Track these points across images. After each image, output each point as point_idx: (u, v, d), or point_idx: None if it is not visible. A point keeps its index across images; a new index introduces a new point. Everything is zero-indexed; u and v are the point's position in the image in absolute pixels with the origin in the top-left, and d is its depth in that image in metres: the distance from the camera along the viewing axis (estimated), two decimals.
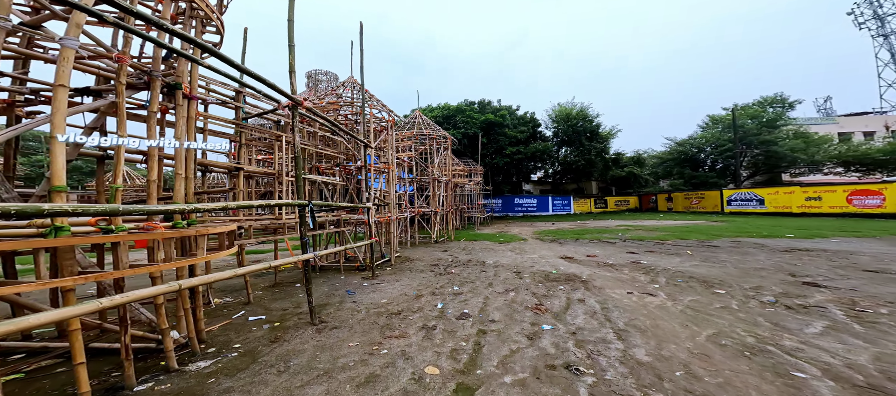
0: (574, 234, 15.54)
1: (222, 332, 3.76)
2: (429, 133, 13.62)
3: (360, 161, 7.19)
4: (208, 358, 3.01)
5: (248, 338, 3.57)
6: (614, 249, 10.74)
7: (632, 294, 5.40)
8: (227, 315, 4.39)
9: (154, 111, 2.54)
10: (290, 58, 3.98)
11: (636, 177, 35.69)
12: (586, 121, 33.67)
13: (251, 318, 4.21)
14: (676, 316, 4.29)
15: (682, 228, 16.78)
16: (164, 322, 2.57)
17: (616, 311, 4.48)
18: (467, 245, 12.47)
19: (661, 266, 7.74)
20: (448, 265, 8.16)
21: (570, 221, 25.47)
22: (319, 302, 4.96)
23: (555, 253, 10.26)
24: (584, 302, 4.91)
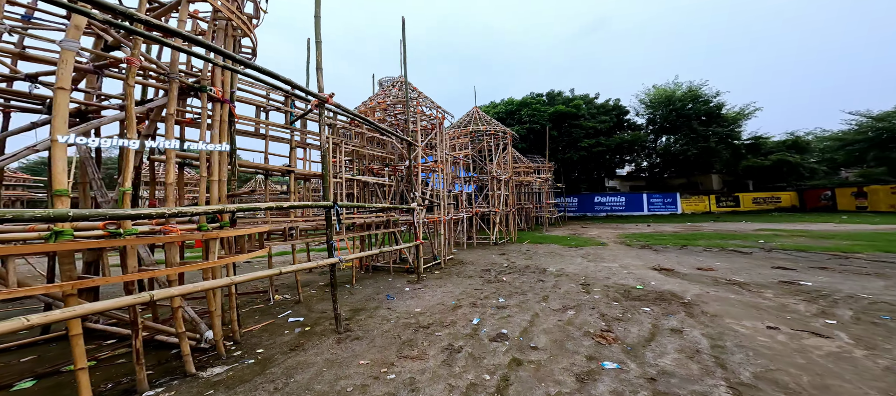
0: (679, 240, 12.28)
1: (259, 334, 3.84)
2: (485, 129, 12.81)
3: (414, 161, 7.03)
4: (229, 364, 3.00)
5: (275, 343, 3.54)
6: (748, 262, 7.87)
7: (776, 330, 3.55)
8: (276, 313, 4.63)
9: (171, 113, 2.71)
10: (317, 54, 3.92)
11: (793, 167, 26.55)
12: (699, 102, 26.98)
13: (291, 319, 4.29)
14: (872, 376, 2.51)
15: (886, 236, 11.26)
16: (180, 325, 2.66)
17: (738, 353, 2.93)
18: (530, 248, 11.11)
19: (843, 291, 5.15)
20: (501, 271, 7.23)
21: (674, 223, 20.65)
22: (357, 305, 4.82)
23: (645, 262, 8.11)
24: (679, 334, 3.42)
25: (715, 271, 6.95)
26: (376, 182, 6.96)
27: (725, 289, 5.39)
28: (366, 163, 7.38)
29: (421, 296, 5.17)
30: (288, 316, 4.48)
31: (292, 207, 3.15)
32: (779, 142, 29.57)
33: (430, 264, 7.73)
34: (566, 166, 26.35)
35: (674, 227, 18.21)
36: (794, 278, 6.16)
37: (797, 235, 12.99)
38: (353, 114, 4.33)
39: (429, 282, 6.07)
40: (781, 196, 27.17)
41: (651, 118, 30.48)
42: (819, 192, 25.94)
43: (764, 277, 6.32)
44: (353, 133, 6.96)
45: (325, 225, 3.67)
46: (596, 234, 15.52)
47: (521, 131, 24.25)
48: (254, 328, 4.01)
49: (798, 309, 4.37)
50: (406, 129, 6.39)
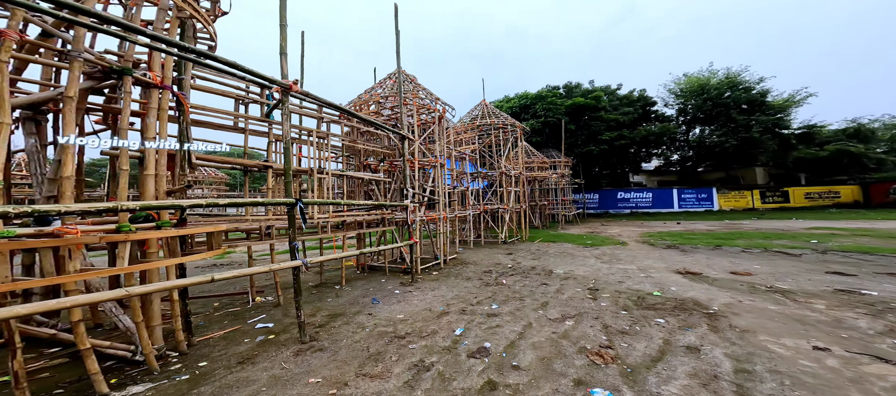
0: (713, 239, 11.04)
1: (217, 342, 3.49)
2: (493, 123, 12.20)
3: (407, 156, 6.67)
4: (157, 380, 2.66)
5: (226, 354, 3.20)
6: (796, 265, 6.82)
7: (825, 351, 2.83)
8: (248, 317, 4.32)
9: (70, 96, 2.45)
10: (281, 39, 3.63)
11: (855, 158, 23.47)
12: (738, 89, 24.52)
13: (260, 325, 4.01)
14: None
15: None
16: (82, 340, 2.30)
17: (770, 380, 2.31)
18: (540, 248, 10.42)
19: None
20: (503, 272, 6.71)
21: (709, 221, 18.85)
22: (338, 310, 4.49)
23: (668, 264, 7.23)
24: (696, 353, 2.80)
25: (753, 276, 6.00)
26: (371, 178, 6.67)
27: (764, 298, 4.54)
28: (361, 158, 7.12)
29: (409, 300, 4.80)
30: (259, 321, 4.21)
31: (235, 204, 2.88)
32: (837, 131, 26.17)
33: (429, 264, 7.35)
34: (586, 161, 24.93)
35: (708, 225, 16.56)
36: (854, 286, 5.14)
37: (860, 234, 11.26)
38: (324, 102, 3.99)
39: (422, 285, 5.68)
40: (841, 190, 24.06)
41: (682, 108, 28.13)
42: (888, 186, 22.68)
43: (815, 284, 5.33)
44: (344, 127, 6.71)
45: (288, 224, 3.35)
46: (616, 233, 14.42)
47: (536, 125, 23.22)
48: (213, 335, 3.72)
49: (858, 325, 3.53)
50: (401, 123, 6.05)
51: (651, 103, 28.09)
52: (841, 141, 24.37)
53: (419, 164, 6.99)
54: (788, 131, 25.54)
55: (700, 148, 26.89)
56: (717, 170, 28.30)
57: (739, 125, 24.15)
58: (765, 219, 18.90)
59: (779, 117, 24.55)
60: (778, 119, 24.52)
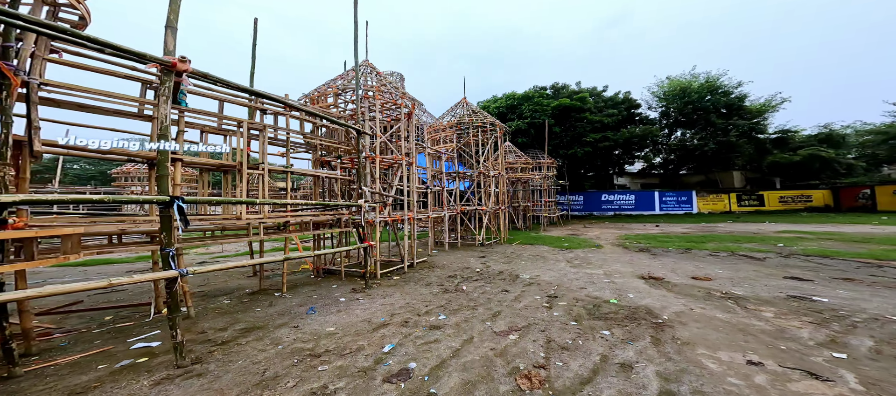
0: (686, 242, 11.19)
1: (44, 373, 2.79)
2: (471, 121, 12.05)
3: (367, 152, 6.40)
4: None
5: (46, 390, 2.57)
6: (758, 269, 6.91)
7: (758, 366, 2.77)
8: (134, 334, 3.69)
9: None
10: (169, 11, 2.98)
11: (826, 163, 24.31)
12: (718, 93, 25.08)
13: (139, 345, 3.42)
14: None
15: None
16: None
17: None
18: (516, 250, 10.35)
19: (867, 311, 4.28)
20: (468, 277, 6.56)
21: (687, 224, 19.21)
22: (260, 322, 4.05)
23: (635, 268, 7.23)
24: (628, 371, 2.70)
25: (712, 281, 6.03)
26: (327, 175, 6.32)
27: (716, 306, 4.52)
28: (318, 154, 6.77)
29: (351, 310, 4.53)
30: (146, 338, 3.62)
31: (78, 201, 2.58)
32: (810, 136, 27.09)
33: (394, 268, 7.15)
34: (571, 162, 25.12)
35: (685, 228, 16.87)
36: (807, 292, 5.19)
37: (826, 238, 11.60)
38: (231, 84, 3.54)
39: (375, 291, 5.41)
40: (813, 194, 24.91)
41: (665, 111, 28.64)
42: (856, 190, 23.59)
43: (770, 290, 5.37)
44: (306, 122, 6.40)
45: (160, 228, 2.81)
46: (595, 235, 14.51)
47: (522, 126, 23.23)
48: (60, 361, 3.00)
49: (800, 335, 3.51)
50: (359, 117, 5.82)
51: (635, 106, 28.49)
52: (813, 146, 25.22)
53: (383, 162, 6.76)
54: (764, 136, 26.30)
55: (681, 151, 27.46)
56: (698, 173, 28.97)
57: (718, 129, 24.72)
58: (740, 222, 19.39)
59: (755, 122, 25.25)
60: (754, 123, 25.22)
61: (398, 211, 7.81)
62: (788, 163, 24.94)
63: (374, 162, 6.01)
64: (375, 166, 5.87)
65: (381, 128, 8.40)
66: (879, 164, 26.01)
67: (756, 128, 25.53)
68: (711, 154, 24.93)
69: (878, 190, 22.24)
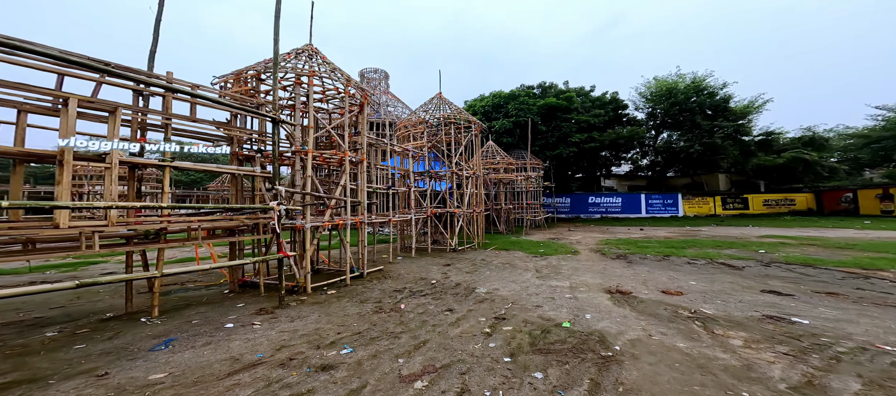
0: (665, 248, 10.66)
1: None
2: (444, 117, 11.33)
3: (296, 146, 5.60)
4: None
5: None
6: (734, 281, 6.37)
7: None
8: None
9: None
10: None
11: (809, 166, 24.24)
12: (703, 94, 24.83)
13: None
14: None
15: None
16: None
17: None
18: (487, 257, 9.68)
19: (854, 336, 3.78)
20: (417, 292, 5.85)
21: (671, 227, 18.83)
22: (47, 372, 3.00)
23: (605, 280, 6.62)
24: None
25: (683, 296, 5.43)
26: (239, 171, 5.39)
27: (680, 330, 3.90)
28: (237, 147, 5.88)
29: (225, 342, 3.57)
30: None
31: None
32: (794, 139, 27.11)
33: (335, 280, 6.36)
34: (558, 164, 24.62)
35: (668, 232, 16.44)
36: (785, 310, 4.62)
37: (808, 243, 11.22)
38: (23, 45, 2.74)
39: (287, 312, 4.48)
40: (796, 198, 24.88)
41: (651, 112, 28.35)
42: (839, 194, 23.59)
43: (745, 307, 4.79)
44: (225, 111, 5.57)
45: None
46: (577, 240, 13.96)
47: (507, 125, 22.61)
48: None
49: (770, 375, 2.89)
50: (297, 105, 5.04)
51: (623, 106, 28.13)
52: (797, 148, 25.20)
53: (323, 159, 5.99)
54: (749, 138, 26.19)
55: (668, 153, 27.20)
56: (684, 175, 28.78)
57: (704, 130, 24.48)
58: (723, 226, 19.09)
59: (740, 123, 25.09)
60: (739, 125, 25.05)
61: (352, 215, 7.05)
62: (773, 166, 24.86)
63: (305, 157, 5.24)
64: (307, 162, 5.09)
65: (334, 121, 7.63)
66: (862, 168, 26.16)
67: (741, 130, 25.38)
68: (697, 156, 24.69)
69: (861, 193, 22.25)
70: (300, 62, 6.10)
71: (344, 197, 6.17)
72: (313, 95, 6.10)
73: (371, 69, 25.25)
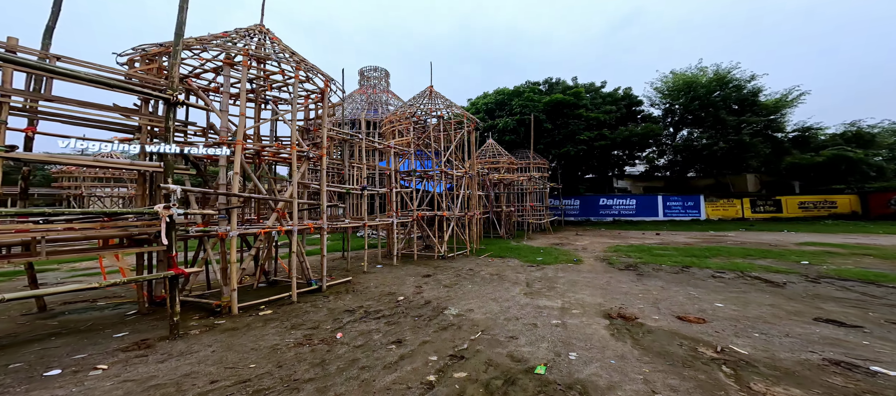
0: (684, 257, 9.29)
1: None
2: (432, 111, 10.36)
3: (221, 136, 4.71)
4: None
5: None
6: (775, 302, 5.13)
7: None
8: None
9: None
10: None
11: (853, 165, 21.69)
12: (729, 87, 22.85)
13: None
14: None
15: None
16: None
17: None
18: (477, 266, 8.60)
19: None
20: (371, 314, 4.87)
21: (692, 232, 17.10)
22: None
23: (607, 299, 5.44)
24: None
25: (706, 324, 4.21)
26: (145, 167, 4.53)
27: (699, 384, 2.75)
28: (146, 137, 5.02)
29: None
30: None
31: None
32: (835, 135, 24.47)
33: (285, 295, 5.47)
34: (567, 164, 23.18)
35: (688, 238, 14.79)
36: (855, 350, 3.37)
37: (860, 252, 9.52)
38: None
39: (165, 349, 3.48)
40: (837, 200, 22.34)
41: (669, 108, 26.40)
42: (888, 196, 20.98)
43: (794, 344, 3.56)
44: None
45: None
46: (582, 246, 12.62)
47: (511, 123, 21.44)
48: None
49: None
50: (226, 89, 4.17)
51: (636, 102, 26.36)
52: (838, 145, 22.67)
53: (246, 152, 5.12)
54: (782, 134, 23.84)
55: (688, 151, 25.14)
56: (707, 176, 26.58)
57: (729, 127, 22.43)
58: (753, 231, 17.14)
59: (771, 118, 22.85)
60: (770, 120, 22.82)
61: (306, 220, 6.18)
62: (810, 165, 22.44)
63: (234, 151, 4.36)
64: (237, 157, 4.22)
65: None
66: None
67: (772, 126, 23.11)
68: (722, 154, 22.59)
69: None
70: (245, 42, 5.30)
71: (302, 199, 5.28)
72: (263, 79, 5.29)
73: (371, 67, 24.67)
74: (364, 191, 8.21)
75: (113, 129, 4.12)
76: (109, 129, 4.11)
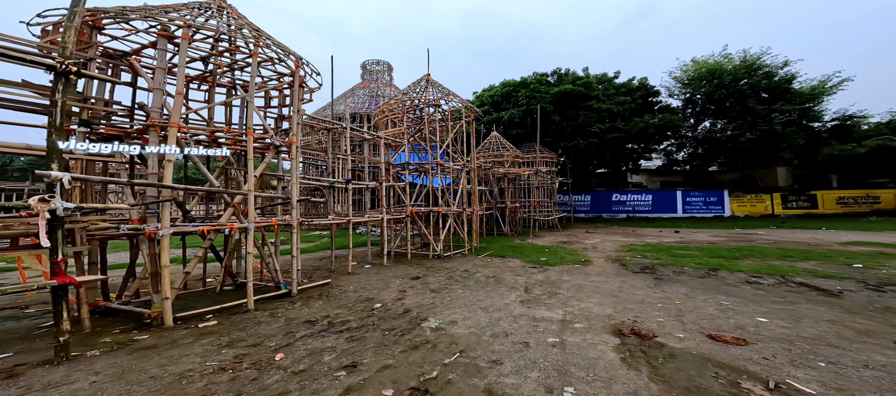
0: (709, 258, 8.23)
1: None
2: (426, 99, 9.55)
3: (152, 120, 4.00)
4: None
5: None
6: (836, 320, 4.17)
7: None
8: None
9: None
10: None
11: None
12: (758, 74, 21.05)
13: None
14: None
15: None
16: None
17: None
18: (473, 267, 7.79)
19: None
20: (332, 327, 4.15)
21: (716, 230, 15.72)
22: None
23: (617, 309, 4.54)
24: None
25: (749, 346, 3.29)
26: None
27: None
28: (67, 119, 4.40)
29: None
30: None
31: None
32: (880, 124, 22.18)
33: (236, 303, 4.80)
34: (577, 157, 21.90)
35: (712, 236, 13.47)
36: None
37: None
38: None
39: (39, 377, 2.78)
40: (881, 195, 20.21)
41: (689, 98, 24.61)
42: None
43: (880, 380, 2.61)
44: None
45: None
46: (592, 244, 11.59)
47: (517, 114, 20.37)
48: None
49: None
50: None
51: (653, 93, 24.70)
52: (884, 136, 20.47)
53: (176, 134, 4.43)
54: (819, 124, 21.75)
55: (710, 143, 23.34)
56: (731, 169, 24.67)
57: (758, 116, 20.59)
58: (786, 228, 15.57)
59: (807, 107, 20.85)
60: (806, 109, 20.83)
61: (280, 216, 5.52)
62: (850, 157, 20.36)
63: (138, 136, 3.68)
64: (170, 141, 3.55)
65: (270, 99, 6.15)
66: None
67: (808, 115, 21.10)
68: (749, 146, 20.77)
69: None
70: (204, 18, 4.65)
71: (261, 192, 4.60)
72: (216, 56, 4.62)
73: (373, 60, 24.14)
74: (348, 185, 7.52)
75: (26, 110, 3.54)
76: (22, 110, 3.54)
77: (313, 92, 6.43)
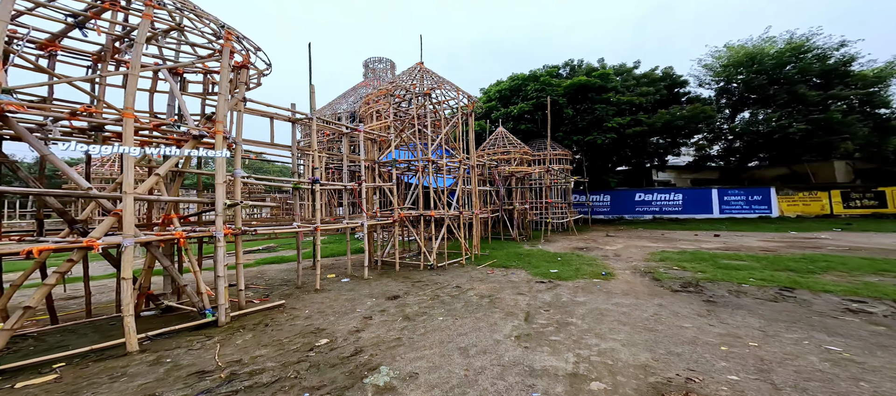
0: (773, 270, 6.51)
1: None
2: (414, 88, 8.29)
3: None
4: None
5: None
6: None
7: None
8: None
9: None
10: None
11: None
12: (809, 57, 18.48)
13: None
14: None
15: None
16: None
17: None
18: (464, 283, 6.36)
19: None
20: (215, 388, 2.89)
21: (765, 232, 13.50)
22: None
23: (657, 354, 3.02)
24: None
25: None
26: None
27: None
28: None
29: None
30: None
31: None
32: None
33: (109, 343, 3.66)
34: (594, 154, 19.93)
35: (764, 240, 11.32)
36: None
37: None
38: None
39: None
40: None
41: (724, 87, 22.05)
42: None
43: None
44: None
45: None
46: (615, 251, 9.84)
47: (526, 108, 18.77)
48: None
49: None
50: None
51: (680, 83, 22.32)
52: None
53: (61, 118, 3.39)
54: (887, 111, 18.66)
55: (750, 136, 20.63)
56: (776, 164, 21.77)
57: (810, 104, 17.89)
58: (853, 231, 13.05)
59: (871, 91, 17.92)
60: (870, 94, 17.91)
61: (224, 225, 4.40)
62: None
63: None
64: None
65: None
66: None
67: (872, 101, 18.14)
68: (799, 138, 18.05)
69: None
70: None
71: (146, 195, 3.46)
72: None
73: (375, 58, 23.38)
74: (314, 186, 6.34)
75: None
76: None
77: (261, 75, 5.31)
